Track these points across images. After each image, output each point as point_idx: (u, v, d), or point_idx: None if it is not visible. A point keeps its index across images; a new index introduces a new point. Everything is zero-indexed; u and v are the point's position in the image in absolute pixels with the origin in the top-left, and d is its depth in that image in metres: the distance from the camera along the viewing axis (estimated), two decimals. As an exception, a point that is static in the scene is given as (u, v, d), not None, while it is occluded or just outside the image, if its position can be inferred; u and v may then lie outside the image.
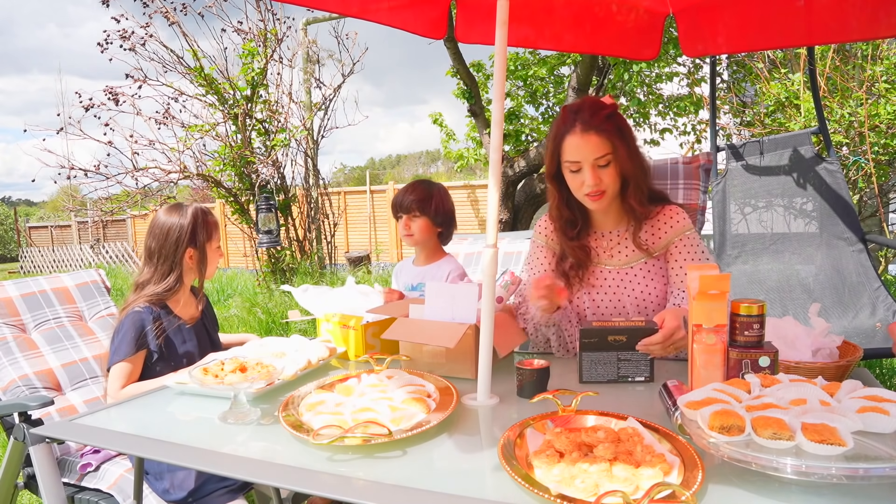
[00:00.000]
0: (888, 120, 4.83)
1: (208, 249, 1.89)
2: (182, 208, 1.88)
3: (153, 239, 1.86)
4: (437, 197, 2.11)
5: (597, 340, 1.42)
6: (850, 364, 1.33)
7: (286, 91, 6.38)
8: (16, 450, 1.71)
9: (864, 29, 1.97)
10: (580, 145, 1.55)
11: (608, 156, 1.55)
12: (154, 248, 1.85)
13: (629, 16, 2.16)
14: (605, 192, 1.59)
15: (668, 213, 1.69)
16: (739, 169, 3.22)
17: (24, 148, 8.65)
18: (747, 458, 0.90)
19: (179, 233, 1.84)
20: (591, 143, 1.54)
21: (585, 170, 1.56)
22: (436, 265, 2.18)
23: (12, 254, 21.31)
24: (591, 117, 1.54)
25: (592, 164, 1.55)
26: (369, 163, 58.60)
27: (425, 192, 2.11)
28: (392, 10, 1.93)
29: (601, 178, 1.57)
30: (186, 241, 1.84)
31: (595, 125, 1.54)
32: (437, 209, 2.11)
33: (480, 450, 1.12)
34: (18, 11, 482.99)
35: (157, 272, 1.84)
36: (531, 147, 6.50)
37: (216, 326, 2.06)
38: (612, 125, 1.56)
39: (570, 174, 1.61)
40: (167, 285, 1.83)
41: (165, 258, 1.84)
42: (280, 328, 5.22)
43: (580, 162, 1.56)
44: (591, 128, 1.54)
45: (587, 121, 1.54)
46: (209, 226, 1.89)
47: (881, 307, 2.78)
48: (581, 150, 1.55)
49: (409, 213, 2.12)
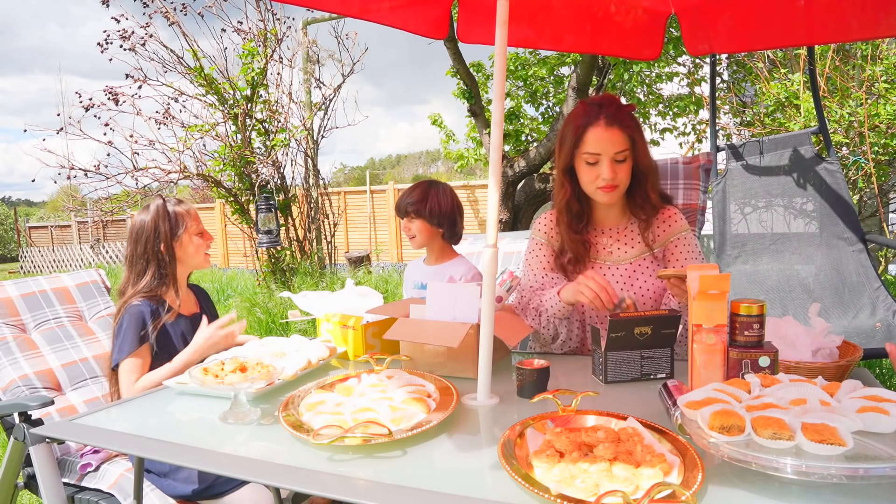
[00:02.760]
0: (888, 120, 4.83)
1: (183, 238, 1.88)
2: (147, 208, 1.89)
3: (127, 245, 1.90)
4: (433, 198, 2.10)
5: (623, 334, 1.41)
6: (850, 364, 1.33)
7: (286, 91, 6.38)
8: (16, 450, 1.71)
9: (864, 29, 1.97)
10: (604, 138, 1.59)
11: (626, 151, 1.60)
12: (127, 253, 1.89)
13: (629, 15, 2.16)
14: (617, 187, 1.63)
15: (667, 212, 1.73)
16: (739, 169, 3.22)
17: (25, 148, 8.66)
18: (747, 458, 0.90)
19: (145, 231, 1.85)
20: (614, 137, 1.58)
21: (603, 163, 1.60)
22: (446, 265, 2.18)
23: (12, 254, 21.31)
24: (615, 112, 1.60)
25: (612, 157, 1.59)
26: (369, 163, 58.63)
27: (421, 195, 2.10)
28: (393, 10, 1.93)
29: (616, 173, 1.61)
30: (153, 237, 1.85)
31: (619, 120, 1.59)
32: (432, 210, 2.10)
33: (480, 450, 1.11)
34: (21, 11, 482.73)
35: (133, 273, 1.86)
36: (531, 147, 6.50)
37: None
38: (633, 122, 1.62)
39: (585, 167, 1.63)
40: (145, 285, 1.83)
41: (137, 259, 1.86)
42: (280, 328, 5.22)
43: (600, 154, 1.60)
44: (615, 122, 1.59)
45: (612, 115, 1.59)
46: (176, 216, 1.88)
47: (881, 307, 2.78)
48: (603, 142, 1.59)
49: (406, 215, 2.13)
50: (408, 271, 2.31)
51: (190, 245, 1.90)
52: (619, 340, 1.42)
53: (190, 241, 1.90)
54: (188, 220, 1.89)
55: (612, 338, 1.41)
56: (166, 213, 1.86)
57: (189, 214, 1.90)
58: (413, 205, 2.10)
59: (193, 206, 1.96)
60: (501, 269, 2.61)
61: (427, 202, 2.09)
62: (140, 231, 1.85)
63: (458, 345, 1.43)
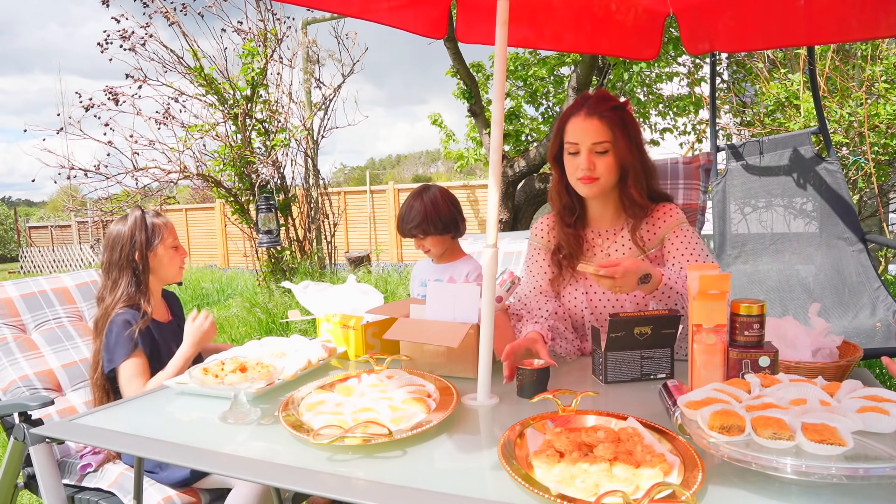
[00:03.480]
0: (888, 120, 4.83)
1: (158, 250, 1.91)
2: (125, 217, 1.92)
3: (103, 252, 1.93)
4: (431, 212, 2.08)
5: (623, 334, 1.41)
6: (850, 364, 1.33)
7: (286, 91, 6.38)
8: (16, 450, 1.71)
9: (864, 29, 1.97)
10: (582, 128, 1.60)
11: (606, 143, 1.60)
12: (104, 260, 1.91)
13: (629, 15, 2.16)
14: (597, 180, 1.62)
15: (662, 209, 1.71)
16: (739, 169, 3.22)
17: (25, 148, 8.65)
18: (747, 458, 0.90)
19: (121, 239, 1.88)
20: (592, 128, 1.59)
21: (582, 153, 1.61)
22: (453, 264, 2.19)
23: (12, 254, 21.31)
24: (596, 104, 1.62)
25: (590, 148, 1.60)
26: (369, 163, 58.62)
27: (421, 214, 2.08)
28: (392, 10, 1.93)
29: (595, 165, 1.61)
30: (128, 245, 1.87)
31: (598, 111, 1.60)
32: (436, 224, 2.09)
33: (480, 450, 1.11)
34: (21, 11, 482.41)
35: (110, 280, 1.89)
36: (531, 147, 6.50)
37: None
38: (616, 116, 1.61)
39: (568, 157, 1.65)
40: (122, 292, 1.86)
41: (112, 266, 1.88)
42: (280, 328, 5.22)
43: (578, 144, 1.61)
44: (594, 113, 1.60)
45: (592, 106, 1.61)
46: (154, 227, 1.91)
47: (881, 307, 2.78)
48: (581, 132, 1.60)
49: (414, 237, 2.13)
50: (416, 269, 2.32)
51: (164, 256, 1.93)
52: (619, 340, 1.42)
53: (165, 253, 1.93)
54: (164, 232, 1.93)
55: (612, 338, 1.41)
56: (143, 224, 1.90)
57: (166, 227, 1.94)
58: (418, 227, 2.09)
59: (171, 220, 2.00)
60: (501, 269, 2.61)
61: (428, 217, 2.08)
62: (116, 239, 1.89)
63: (458, 345, 1.43)
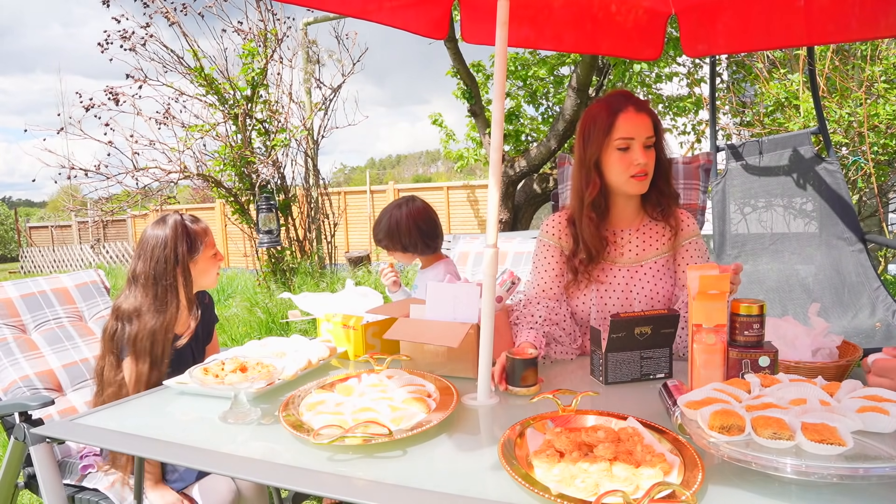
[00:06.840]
0: (887, 120, 4.83)
1: (199, 260, 1.81)
2: (163, 221, 1.79)
3: (137, 259, 1.76)
4: (394, 232, 2.14)
5: (624, 334, 1.41)
6: (849, 364, 1.33)
7: (286, 91, 6.38)
8: (16, 450, 1.71)
9: (864, 29, 1.97)
10: (636, 122, 1.61)
11: (653, 138, 1.63)
12: (137, 268, 1.75)
13: (630, 16, 2.16)
14: (648, 175, 1.64)
15: (683, 214, 1.74)
16: (739, 169, 3.22)
17: (25, 148, 8.65)
18: (747, 458, 0.91)
19: (161, 249, 1.74)
20: (645, 122, 1.62)
21: (636, 148, 1.61)
22: (431, 269, 2.24)
23: (12, 254, 21.30)
24: (640, 101, 1.66)
25: (643, 142, 1.62)
26: (370, 163, 58.68)
27: (384, 231, 2.16)
28: (393, 11, 1.93)
29: (648, 158, 1.63)
30: (172, 257, 1.75)
31: (645, 108, 1.64)
32: (394, 242, 2.16)
33: (480, 450, 1.12)
34: (24, 11, 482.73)
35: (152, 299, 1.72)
36: (531, 147, 6.50)
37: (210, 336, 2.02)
38: (655, 115, 1.68)
39: (617, 154, 1.63)
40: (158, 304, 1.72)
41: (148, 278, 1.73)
42: (280, 328, 5.22)
43: (633, 139, 1.61)
44: (643, 108, 1.64)
45: (639, 103, 1.64)
46: (195, 236, 1.81)
47: (881, 307, 2.78)
48: (637, 126, 1.61)
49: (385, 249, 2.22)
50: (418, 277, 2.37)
51: (204, 266, 1.83)
52: (620, 341, 1.42)
53: (205, 263, 1.83)
54: (205, 239, 1.83)
55: (612, 338, 1.41)
56: (185, 233, 1.78)
57: (206, 234, 1.84)
58: (380, 242, 2.19)
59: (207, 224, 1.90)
60: (501, 269, 2.62)
61: (391, 235, 2.15)
62: (154, 248, 1.74)
63: (458, 345, 1.43)
